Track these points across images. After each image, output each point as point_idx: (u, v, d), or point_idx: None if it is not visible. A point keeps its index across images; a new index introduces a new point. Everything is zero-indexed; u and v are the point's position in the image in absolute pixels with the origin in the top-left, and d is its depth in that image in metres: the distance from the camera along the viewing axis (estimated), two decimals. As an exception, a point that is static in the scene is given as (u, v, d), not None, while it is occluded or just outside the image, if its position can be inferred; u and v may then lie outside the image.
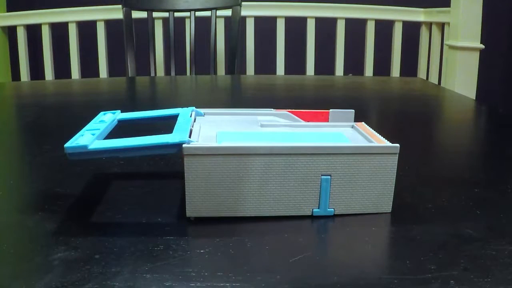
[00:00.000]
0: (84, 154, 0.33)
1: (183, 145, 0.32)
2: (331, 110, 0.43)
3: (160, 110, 0.45)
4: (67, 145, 0.32)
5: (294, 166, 0.33)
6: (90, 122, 0.39)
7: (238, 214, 0.34)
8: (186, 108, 0.44)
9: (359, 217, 0.34)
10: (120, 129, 0.41)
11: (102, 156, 0.33)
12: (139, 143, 0.33)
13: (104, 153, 0.33)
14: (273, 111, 0.44)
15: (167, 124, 0.39)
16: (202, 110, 0.44)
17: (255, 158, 0.33)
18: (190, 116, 0.41)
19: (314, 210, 0.35)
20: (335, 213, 0.35)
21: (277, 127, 0.41)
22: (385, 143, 0.35)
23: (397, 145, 0.34)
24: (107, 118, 0.41)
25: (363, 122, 0.42)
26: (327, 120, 0.43)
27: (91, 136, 0.34)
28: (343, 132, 0.40)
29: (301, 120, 0.43)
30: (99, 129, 0.37)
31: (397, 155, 0.34)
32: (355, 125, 0.42)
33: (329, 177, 0.34)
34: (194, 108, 0.44)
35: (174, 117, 0.41)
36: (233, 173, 0.33)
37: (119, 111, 0.44)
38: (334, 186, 0.34)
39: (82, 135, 0.35)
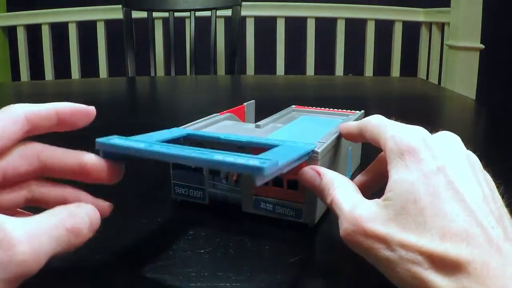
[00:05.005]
0: None
1: (317, 149, 0.32)
2: (245, 103, 0.48)
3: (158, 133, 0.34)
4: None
5: (343, 144, 0.39)
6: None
7: None
8: (173, 129, 0.37)
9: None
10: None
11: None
12: (291, 157, 0.27)
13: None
14: (219, 115, 0.44)
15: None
16: (181, 128, 0.38)
17: (331, 144, 0.36)
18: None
19: None
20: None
21: (271, 124, 0.43)
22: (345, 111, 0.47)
23: (363, 111, 0.46)
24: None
25: (293, 105, 0.49)
26: (243, 112, 0.48)
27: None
28: (303, 117, 0.47)
29: (239, 120, 0.47)
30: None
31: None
32: (294, 108, 0.49)
33: (351, 147, 0.42)
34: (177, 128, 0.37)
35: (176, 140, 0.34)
36: (330, 164, 0.36)
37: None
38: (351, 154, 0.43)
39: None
